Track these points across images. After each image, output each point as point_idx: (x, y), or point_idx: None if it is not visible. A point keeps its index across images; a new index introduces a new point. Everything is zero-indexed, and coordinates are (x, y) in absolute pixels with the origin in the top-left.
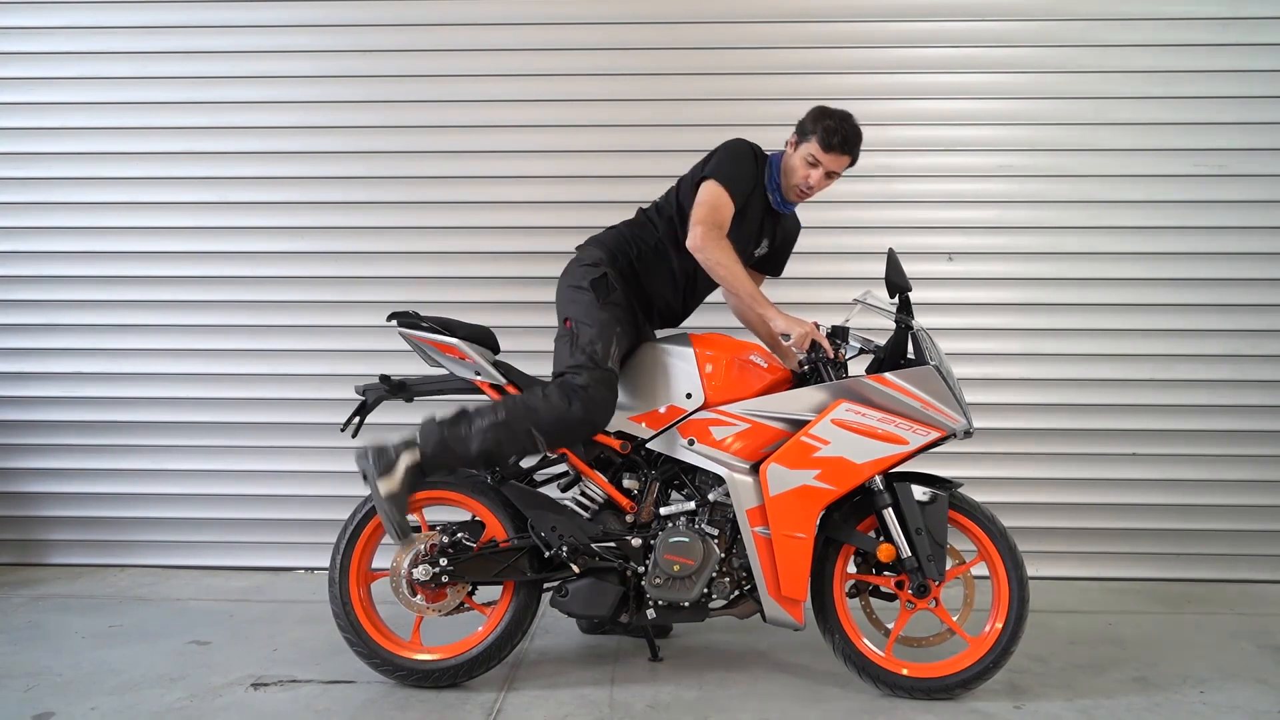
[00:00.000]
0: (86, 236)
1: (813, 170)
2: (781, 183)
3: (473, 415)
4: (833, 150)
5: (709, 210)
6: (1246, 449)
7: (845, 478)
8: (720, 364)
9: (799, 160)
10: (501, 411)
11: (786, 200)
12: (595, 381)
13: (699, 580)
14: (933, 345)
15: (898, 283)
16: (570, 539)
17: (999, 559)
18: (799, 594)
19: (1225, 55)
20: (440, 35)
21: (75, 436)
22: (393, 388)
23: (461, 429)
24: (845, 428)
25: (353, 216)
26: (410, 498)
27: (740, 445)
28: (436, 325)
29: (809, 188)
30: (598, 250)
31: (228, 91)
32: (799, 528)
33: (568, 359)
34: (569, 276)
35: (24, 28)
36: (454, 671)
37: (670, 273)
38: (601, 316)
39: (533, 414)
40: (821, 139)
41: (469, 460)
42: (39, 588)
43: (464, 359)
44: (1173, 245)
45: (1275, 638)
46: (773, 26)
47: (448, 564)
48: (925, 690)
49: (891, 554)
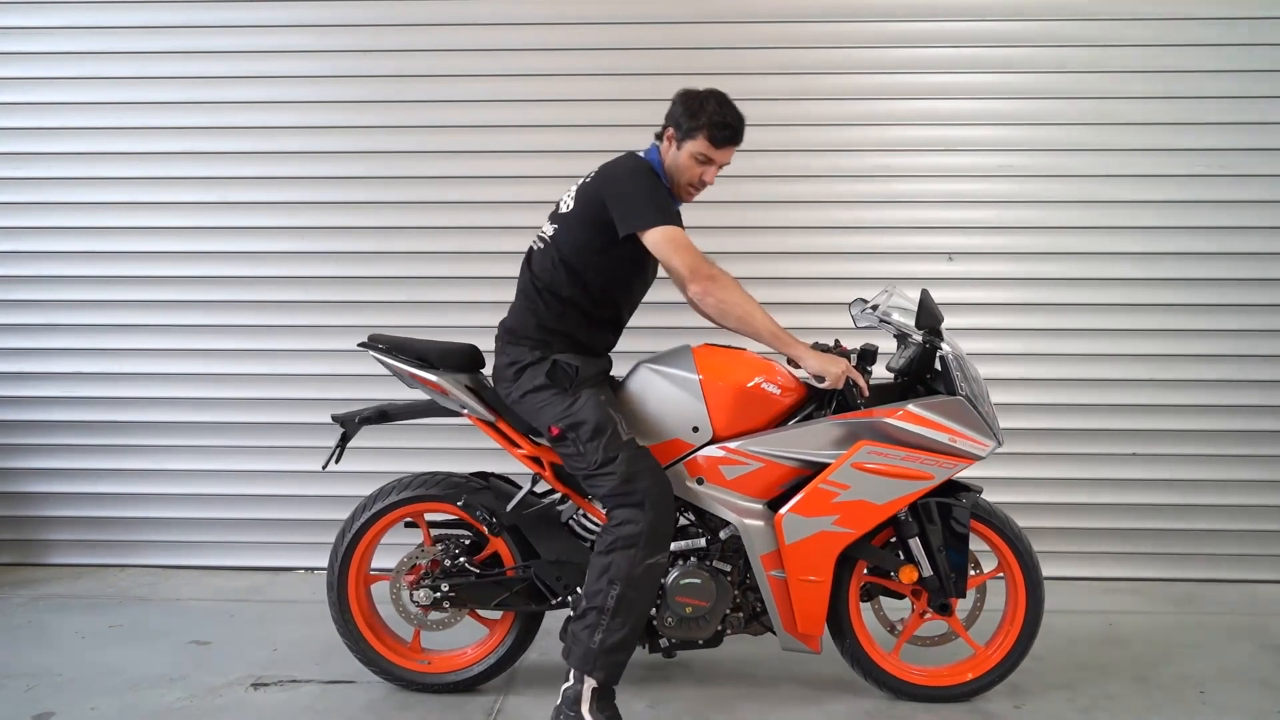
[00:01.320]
0: (86, 236)
1: (706, 168)
2: (670, 184)
3: (594, 610)
4: (723, 145)
5: (689, 254)
6: (1246, 449)
7: (865, 520)
8: (729, 394)
9: (687, 159)
10: (613, 585)
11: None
12: (634, 469)
13: (713, 620)
14: (961, 368)
15: (931, 323)
16: (576, 588)
17: (1018, 569)
18: (816, 630)
19: (1225, 55)
20: (440, 35)
21: (75, 436)
22: (372, 416)
23: (599, 632)
24: (867, 470)
25: (353, 216)
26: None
27: (752, 485)
28: (414, 353)
29: (703, 185)
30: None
31: (228, 91)
32: (815, 572)
33: (587, 465)
34: (512, 383)
35: (24, 28)
36: (453, 686)
37: (599, 321)
38: (583, 402)
39: (633, 555)
40: (711, 135)
41: (634, 642)
42: (39, 588)
43: (447, 395)
44: (1173, 245)
45: (1275, 638)
46: (773, 26)
47: (449, 589)
48: (935, 698)
49: (914, 576)
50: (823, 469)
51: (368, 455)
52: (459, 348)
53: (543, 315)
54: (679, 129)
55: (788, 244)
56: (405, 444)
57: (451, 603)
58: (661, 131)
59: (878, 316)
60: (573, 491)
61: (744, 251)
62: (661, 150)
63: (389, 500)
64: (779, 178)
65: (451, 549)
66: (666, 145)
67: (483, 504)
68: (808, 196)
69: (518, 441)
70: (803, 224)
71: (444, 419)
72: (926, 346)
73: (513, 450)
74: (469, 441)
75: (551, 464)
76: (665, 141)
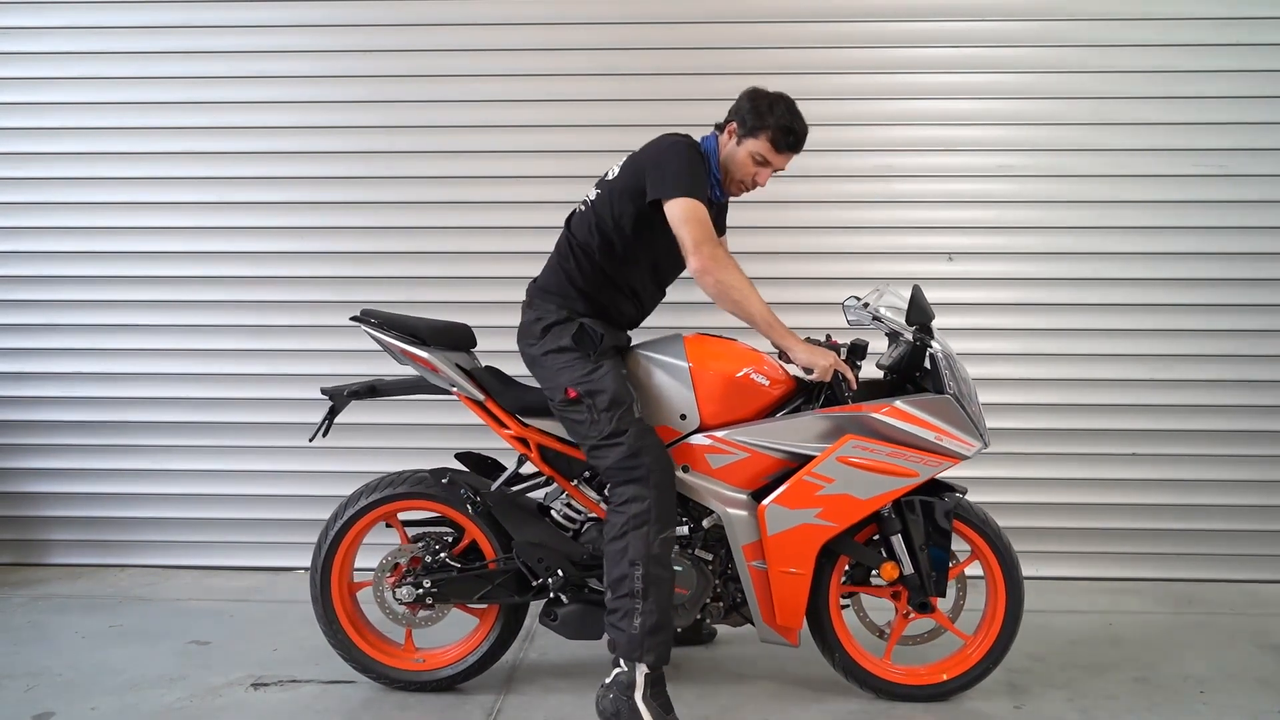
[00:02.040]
0: (86, 236)
1: (761, 169)
2: (721, 177)
3: (626, 597)
4: (785, 151)
5: (700, 228)
6: (1246, 449)
7: (848, 514)
8: (718, 383)
9: (744, 156)
10: (635, 567)
11: (726, 194)
12: (641, 444)
13: (692, 608)
14: (951, 367)
15: (921, 319)
16: (558, 570)
17: (995, 562)
18: (794, 624)
19: (1225, 55)
20: (441, 35)
21: (75, 436)
22: (361, 390)
23: (637, 616)
24: (851, 465)
25: (353, 216)
26: (663, 695)
27: (737, 474)
28: (406, 329)
29: (754, 185)
30: (551, 301)
31: (228, 91)
32: (796, 564)
33: (596, 433)
34: (537, 340)
35: (24, 28)
36: (447, 681)
37: (624, 291)
38: (605, 371)
39: (646, 533)
40: (774, 139)
41: (671, 620)
42: (39, 588)
43: (436, 372)
44: (1173, 245)
45: (1275, 638)
46: (773, 26)
47: (431, 586)
48: (925, 697)
49: (895, 573)
50: (808, 462)
51: (370, 455)
52: (451, 326)
53: (573, 274)
54: (742, 125)
55: (787, 244)
56: (406, 444)
57: (435, 599)
58: (723, 124)
59: (870, 314)
60: (558, 474)
61: (744, 251)
62: (720, 142)
63: (359, 505)
64: (779, 177)
65: (431, 545)
66: (726, 138)
67: (466, 483)
68: (807, 196)
69: (505, 422)
70: (802, 224)
71: (436, 409)
72: (917, 344)
73: (500, 430)
74: (472, 441)
75: (539, 445)
76: (725, 134)
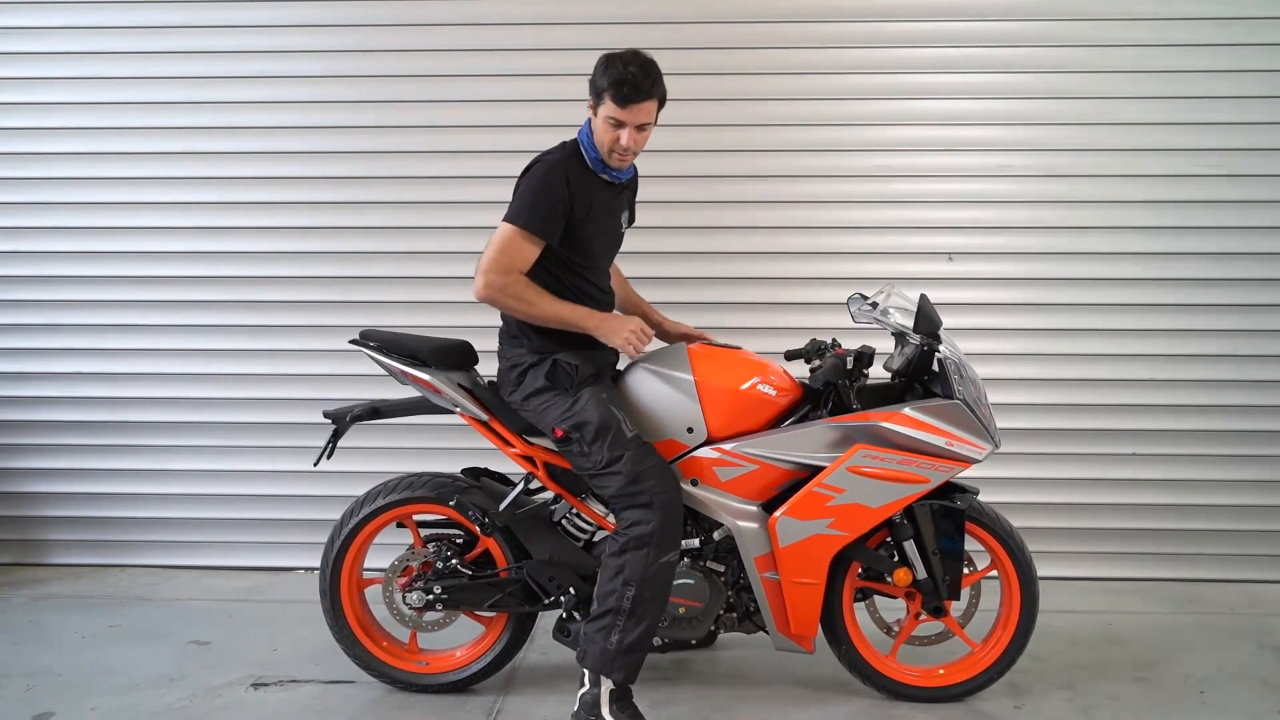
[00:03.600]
0: (86, 236)
1: (620, 131)
2: (600, 154)
3: (610, 613)
4: (629, 102)
5: (501, 255)
6: (1246, 449)
7: (860, 524)
8: (724, 395)
9: (601, 124)
10: (628, 587)
11: (615, 169)
12: (640, 468)
13: (706, 620)
14: (960, 370)
15: (929, 328)
16: (570, 588)
17: (1011, 567)
18: (810, 632)
19: (1225, 55)
20: (441, 35)
21: (75, 436)
22: (364, 413)
23: (615, 633)
24: (862, 474)
25: (353, 217)
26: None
27: (747, 487)
28: (406, 350)
29: (624, 150)
30: (519, 345)
31: (228, 92)
32: (809, 575)
33: (591, 464)
34: (515, 387)
35: (24, 28)
36: (449, 685)
37: (586, 294)
38: (585, 401)
39: (646, 555)
40: (614, 96)
41: (650, 641)
42: (39, 588)
43: (439, 394)
44: (1172, 245)
45: (1275, 638)
46: (773, 26)
47: (441, 592)
48: (932, 698)
49: (908, 579)
50: (818, 472)
51: (368, 455)
52: (451, 345)
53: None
54: (594, 97)
55: (787, 244)
56: (405, 444)
57: (444, 604)
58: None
59: (875, 315)
60: (566, 491)
61: (744, 251)
62: (591, 123)
63: (376, 504)
64: (779, 178)
65: (443, 550)
66: (591, 116)
67: (474, 503)
68: (807, 196)
69: (511, 441)
70: (802, 224)
71: (437, 417)
72: (924, 349)
73: (506, 449)
74: (470, 441)
75: (545, 463)
76: (590, 111)
